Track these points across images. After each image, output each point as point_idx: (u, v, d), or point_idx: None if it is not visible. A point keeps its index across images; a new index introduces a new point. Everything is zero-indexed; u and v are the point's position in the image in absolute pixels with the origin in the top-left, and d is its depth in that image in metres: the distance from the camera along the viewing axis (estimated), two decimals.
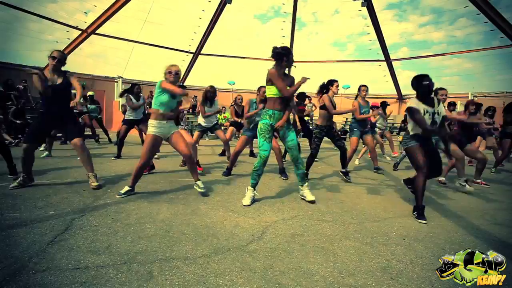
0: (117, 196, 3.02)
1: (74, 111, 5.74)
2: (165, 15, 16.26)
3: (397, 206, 3.19)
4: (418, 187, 2.87)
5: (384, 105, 7.03)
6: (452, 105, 5.64)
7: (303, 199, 3.16)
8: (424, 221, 2.74)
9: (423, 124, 2.85)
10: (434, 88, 3.12)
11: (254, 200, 3.07)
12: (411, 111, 2.92)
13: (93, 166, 3.39)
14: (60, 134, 6.75)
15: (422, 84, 2.90)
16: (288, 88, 2.97)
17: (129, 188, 3.14)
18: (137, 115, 5.57)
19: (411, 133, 3.02)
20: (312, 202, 3.06)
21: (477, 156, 4.24)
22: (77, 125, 3.48)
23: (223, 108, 11.64)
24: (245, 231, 2.29)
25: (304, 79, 2.97)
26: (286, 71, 3.10)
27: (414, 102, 2.93)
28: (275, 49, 2.97)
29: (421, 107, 2.90)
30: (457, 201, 3.32)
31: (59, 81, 3.28)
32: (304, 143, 8.36)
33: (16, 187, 3.10)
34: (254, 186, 3.08)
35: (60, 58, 3.24)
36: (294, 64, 3.13)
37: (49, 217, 2.34)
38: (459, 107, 9.34)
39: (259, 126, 3.07)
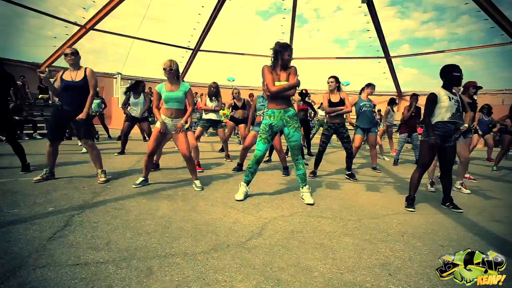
0: (132, 186, 3.24)
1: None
2: (164, 10, 16.14)
3: (396, 203, 3.20)
4: (413, 179, 3.08)
5: (392, 102, 7.03)
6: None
7: (302, 200, 3.09)
8: (412, 209, 2.96)
9: (426, 113, 2.99)
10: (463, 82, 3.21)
11: (247, 195, 3.10)
12: (427, 98, 2.99)
13: (102, 163, 3.48)
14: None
15: (453, 75, 2.93)
16: (279, 83, 2.90)
17: (143, 179, 3.34)
18: (137, 113, 5.55)
19: (433, 122, 3.01)
20: (310, 204, 2.97)
21: (463, 155, 3.86)
22: (88, 125, 3.46)
23: (223, 105, 11.63)
24: (244, 228, 2.29)
25: (297, 81, 2.91)
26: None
27: (436, 90, 2.99)
28: (274, 47, 2.97)
29: (444, 94, 2.93)
30: (456, 198, 3.32)
31: (79, 77, 3.28)
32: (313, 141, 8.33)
33: (39, 180, 3.24)
34: (247, 182, 3.12)
35: (73, 51, 3.29)
36: (293, 59, 3.09)
37: (48, 214, 2.34)
38: None
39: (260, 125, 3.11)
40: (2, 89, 3.61)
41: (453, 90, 3.03)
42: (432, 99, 2.94)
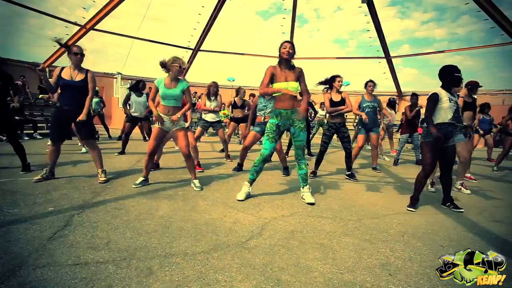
0: (132, 186, 3.24)
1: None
2: (164, 10, 16.17)
3: (396, 203, 3.20)
4: (418, 181, 3.08)
5: (391, 103, 7.01)
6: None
7: (303, 200, 3.09)
8: (412, 209, 2.99)
9: (428, 112, 2.97)
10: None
11: (248, 196, 3.09)
12: (428, 97, 2.99)
13: (102, 163, 3.50)
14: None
15: (454, 76, 2.93)
16: (285, 84, 2.89)
17: (143, 179, 3.35)
18: (139, 113, 5.60)
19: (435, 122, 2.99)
20: (311, 204, 2.98)
21: (462, 155, 3.91)
22: (90, 125, 3.47)
23: (223, 105, 11.65)
24: (244, 228, 2.29)
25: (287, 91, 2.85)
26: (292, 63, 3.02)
27: (437, 90, 2.99)
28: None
29: (445, 94, 2.94)
30: (456, 198, 3.33)
31: (79, 77, 3.28)
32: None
33: (39, 180, 3.23)
34: (251, 182, 3.12)
35: (81, 52, 3.29)
36: (295, 58, 3.05)
37: (48, 213, 2.34)
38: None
39: (267, 125, 3.10)
40: (2, 89, 3.61)
41: (452, 91, 3.04)
42: (434, 99, 2.94)
